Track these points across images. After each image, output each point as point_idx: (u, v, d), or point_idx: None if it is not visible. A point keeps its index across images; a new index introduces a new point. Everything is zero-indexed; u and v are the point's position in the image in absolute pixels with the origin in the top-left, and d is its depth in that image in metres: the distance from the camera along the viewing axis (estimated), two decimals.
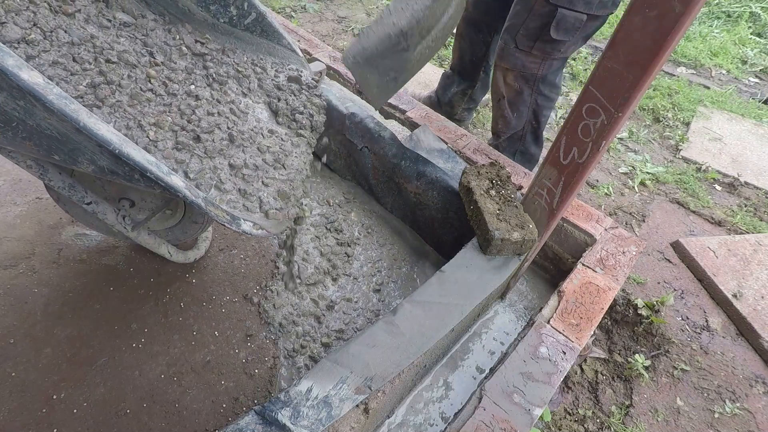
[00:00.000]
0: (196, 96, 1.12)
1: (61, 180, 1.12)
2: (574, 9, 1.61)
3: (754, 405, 1.61)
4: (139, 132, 0.98)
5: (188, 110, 1.08)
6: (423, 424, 1.29)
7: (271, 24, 1.30)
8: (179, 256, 1.47)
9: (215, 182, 1.00)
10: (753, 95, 3.61)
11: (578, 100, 1.07)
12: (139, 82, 1.07)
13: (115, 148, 0.81)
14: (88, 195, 1.17)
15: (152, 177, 0.84)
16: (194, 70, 1.19)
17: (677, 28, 0.86)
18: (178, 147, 1.00)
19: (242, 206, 1.00)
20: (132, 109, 1.01)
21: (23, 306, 1.36)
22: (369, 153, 1.77)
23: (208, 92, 1.16)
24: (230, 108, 1.15)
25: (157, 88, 1.08)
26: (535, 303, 1.66)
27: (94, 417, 1.20)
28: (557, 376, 1.19)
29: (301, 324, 1.48)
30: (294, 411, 0.99)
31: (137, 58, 1.11)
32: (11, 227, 1.52)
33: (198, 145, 1.03)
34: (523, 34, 1.73)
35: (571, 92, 3.24)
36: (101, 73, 1.02)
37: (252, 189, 1.04)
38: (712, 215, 2.35)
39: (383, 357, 1.11)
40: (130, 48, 1.13)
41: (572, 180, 1.17)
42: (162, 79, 1.11)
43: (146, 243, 1.34)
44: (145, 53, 1.15)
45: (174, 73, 1.15)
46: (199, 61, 1.23)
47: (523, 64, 1.81)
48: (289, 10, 3.49)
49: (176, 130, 1.03)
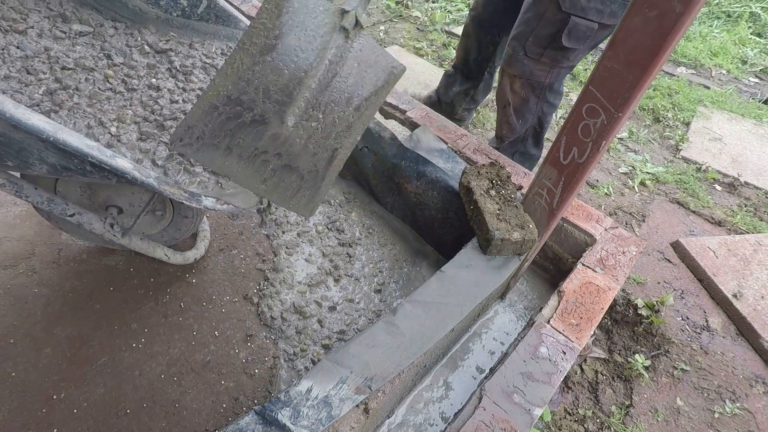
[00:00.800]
0: (158, 87, 1.14)
1: (38, 195, 1.11)
2: (586, 18, 1.60)
3: (754, 405, 1.61)
4: (101, 129, 1.00)
5: (150, 101, 1.09)
6: (423, 424, 1.29)
7: (225, 9, 1.30)
8: (177, 258, 1.46)
9: (184, 166, 0.99)
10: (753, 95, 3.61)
11: (578, 100, 1.07)
12: (98, 83, 1.08)
13: (49, 136, 0.81)
14: (69, 207, 1.16)
15: (95, 161, 0.84)
16: (157, 66, 1.20)
17: (677, 28, 0.86)
18: (143, 137, 1.01)
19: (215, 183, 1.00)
20: (92, 108, 1.02)
21: (23, 306, 1.36)
22: (369, 153, 1.77)
23: (172, 83, 1.16)
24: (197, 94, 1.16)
25: (117, 86, 1.10)
26: (535, 303, 1.66)
27: (94, 417, 1.20)
28: (557, 376, 1.19)
29: (301, 324, 1.48)
30: (294, 411, 0.99)
31: (95, 63, 1.13)
32: (11, 227, 1.52)
33: (163, 132, 1.04)
34: (533, 41, 1.71)
35: (571, 92, 3.24)
36: (57, 80, 1.04)
37: None
38: (712, 215, 2.35)
39: (383, 357, 1.11)
40: (87, 54, 1.15)
41: (572, 180, 1.17)
42: (121, 77, 1.13)
43: (140, 248, 1.33)
44: (102, 57, 1.16)
45: (133, 70, 1.16)
46: (163, 57, 1.23)
47: (531, 72, 1.79)
48: None
49: (139, 122, 1.04)
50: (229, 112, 0.93)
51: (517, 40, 1.76)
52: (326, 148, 1.02)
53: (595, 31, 1.64)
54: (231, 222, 1.70)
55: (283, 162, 1.00)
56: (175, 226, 1.42)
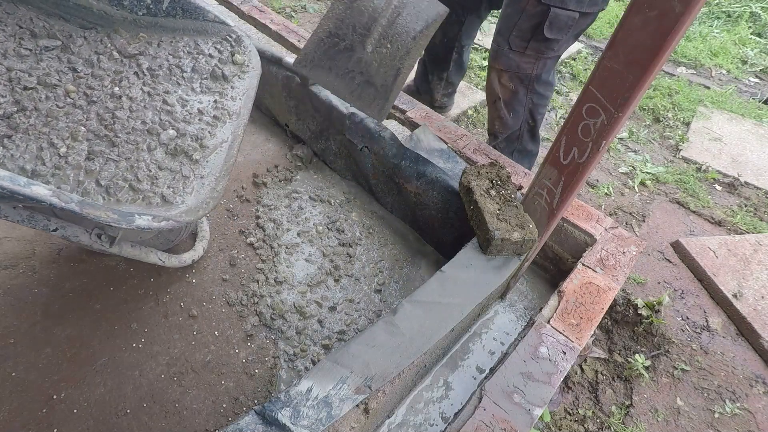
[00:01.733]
0: (119, 96, 1.12)
1: (17, 214, 1.10)
2: (566, 8, 1.63)
3: (754, 405, 1.61)
4: (51, 150, 0.98)
5: (107, 114, 1.08)
6: (423, 424, 1.29)
7: (190, 1, 1.29)
8: (173, 261, 1.44)
9: (129, 183, 0.98)
10: (753, 95, 3.61)
11: (578, 100, 1.07)
12: (59, 99, 1.07)
13: None
14: (51, 222, 1.15)
15: (7, 192, 0.79)
16: (124, 71, 1.19)
17: (677, 28, 0.86)
18: (90, 156, 1.00)
19: (160, 198, 0.99)
20: (47, 128, 1.01)
21: (23, 306, 1.36)
22: (369, 153, 1.77)
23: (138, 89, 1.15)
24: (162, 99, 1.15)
25: (77, 100, 1.08)
26: (535, 303, 1.66)
27: (94, 417, 1.20)
28: (557, 376, 1.19)
29: (302, 324, 1.48)
30: (294, 411, 0.99)
31: (59, 78, 1.11)
32: (11, 227, 1.52)
33: (113, 149, 1.02)
34: (516, 35, 1.75)
35: (571, 92, 3.24)
36: (16, 102, 1.02)
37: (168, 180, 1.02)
38: (712, 215, 2.35)
39: (383, 357, 1.11)
40: (53, 69, 1.13)
41: (572, 180, 1.17)
42: (83, 90, 1.11)
43: (132, 255, 1.31)
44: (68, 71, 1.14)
45: (98, 80, 1.14)
46: (132, 61, 1.22)
47: (518, 65, 1.83)
48: (290, 10, 3.50)
49: (91, 139, 1.02)
50: (329, 43, 1.32)
51: (501, 35, 1.80)
52: (393, 68, 1.40)
53: (576, 20, 1.67)
54: (231, 222, 1.71)
55: (364, 78, 1.39)
56: (169, 230, 1.41)
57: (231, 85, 1.28)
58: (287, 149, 2.03)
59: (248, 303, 1.50)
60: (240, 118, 1.21)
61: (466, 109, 2.85)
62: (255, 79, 1.31)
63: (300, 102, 1.93)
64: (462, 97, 2.92)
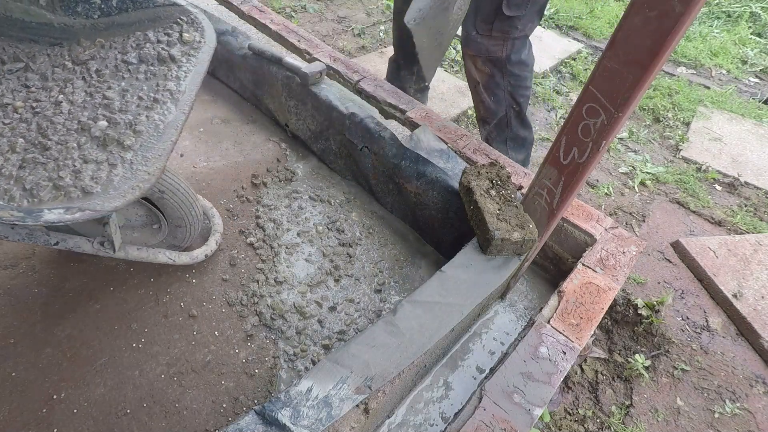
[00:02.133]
0: (60, 102, 1.12)
1: (16, 233, 1.10)
2: None
3: (754, 405, 1.61)
4: None
5: (45, 122, 1.07)
6: (423, 424, 1.29)
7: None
8: (184, 258, 1.44)
9: (53, 182, 0.97)
10: (753, 95, 3.61)
11: (578, 100, 1.07)
12: (8, 116, 1.07)
13: None
14: (51, 237, 1.15)
15: None
16: (72, 78, 1.18)
17: (677, 28, 0.86)
18: (23, 165, 0.99)
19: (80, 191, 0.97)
20: None
21: (23, 306, 1.36)
22: (369, 153, 1.77)
23: (81, 93, 1.15)
24: (102, 95, 1.14)
25: (24, 114, 1.08)
26: (535, 303, 1.66)
27: (94, 417, 1.20)
28: (557, 376, 1.19)
29: (302, 324, 1.48)
30: (294, 411, 0.99)
31: (13, 96, 1.12)
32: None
33: (45, 153, 1.02)
34: (480, 19, 1.84)
35: (571, 92, 3.24)
36: None
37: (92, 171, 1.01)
38: (712, 215, 2.35)
39: (383, 357, 1.11)
40: (8, 90, 1.13)
41: (572, 180, 1.17)
42: (29, 104, 1.11)
43: (139, 258, 1.31)
44: (21, 88, 1.15)
45: (45, 92, 1.14)
46: (82, 67, 1.21)
47: (487, 48, 1.90)
48: (289, 10, 3.50)
49: (27, 148, 1.02)
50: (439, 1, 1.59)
51: (468, 21, 1.89)
52: (453, 30, 1.76)
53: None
54: (231, 222, 1.71)
55: (439, 40, 1.70)
56: (173, 235, 1.42)
57: (178, 65, 1.24)
58: (287, 149, 2.03)
59: (248, 303, 1.50)
60: (185, 95, 1.17)
61: (466, 109, 2.85)
62: (207, 53, 1.26)
63: (300, 102, 1.93)
64: (462, 96, 2.93)
